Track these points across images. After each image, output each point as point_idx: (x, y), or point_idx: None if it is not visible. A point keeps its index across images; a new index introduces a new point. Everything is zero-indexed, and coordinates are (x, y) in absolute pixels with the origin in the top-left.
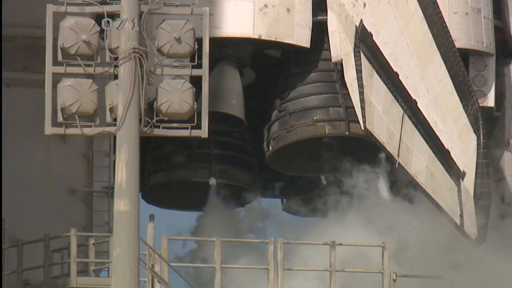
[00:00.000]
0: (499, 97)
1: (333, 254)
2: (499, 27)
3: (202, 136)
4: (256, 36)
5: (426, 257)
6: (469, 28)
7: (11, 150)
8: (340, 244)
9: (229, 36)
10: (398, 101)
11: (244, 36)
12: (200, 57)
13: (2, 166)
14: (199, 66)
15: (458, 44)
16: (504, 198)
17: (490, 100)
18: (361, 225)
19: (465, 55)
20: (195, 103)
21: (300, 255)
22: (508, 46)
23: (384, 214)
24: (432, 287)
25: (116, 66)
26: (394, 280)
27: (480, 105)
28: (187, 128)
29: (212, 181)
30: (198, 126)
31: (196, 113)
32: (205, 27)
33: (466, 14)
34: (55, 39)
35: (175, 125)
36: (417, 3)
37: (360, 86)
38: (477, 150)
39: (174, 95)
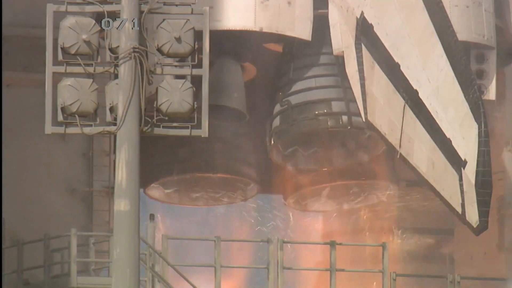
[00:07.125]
0: (499, 97)
1: (333, 254)
2: (499, 27)
3: (202, 136)
4: (257, 29)
5: None
6: (470, 21)
7: (11, 150)
8: (340, 244)
9: (230, 29)
10: (399, 92)
11: (245, 29)
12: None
13: (2, 166)
14: (199, 65)
15: (459, 37)
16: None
17: (491, 94)
18: None
19: (466, 48)
20: (195, 102)
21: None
22: (508, 46)
23: None
24: None
25: (116, 66)
26: (394, 280)
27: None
28: (187, 128)
29: (214, 176)
30: (198, 126)
31: (196, 112)
32: (206, 26)
33: (467, 7)
34: (55, 39)
35: (175, 124)
36: None
37: (362, 78)
38: (479, 138)
39: (174, 95)
